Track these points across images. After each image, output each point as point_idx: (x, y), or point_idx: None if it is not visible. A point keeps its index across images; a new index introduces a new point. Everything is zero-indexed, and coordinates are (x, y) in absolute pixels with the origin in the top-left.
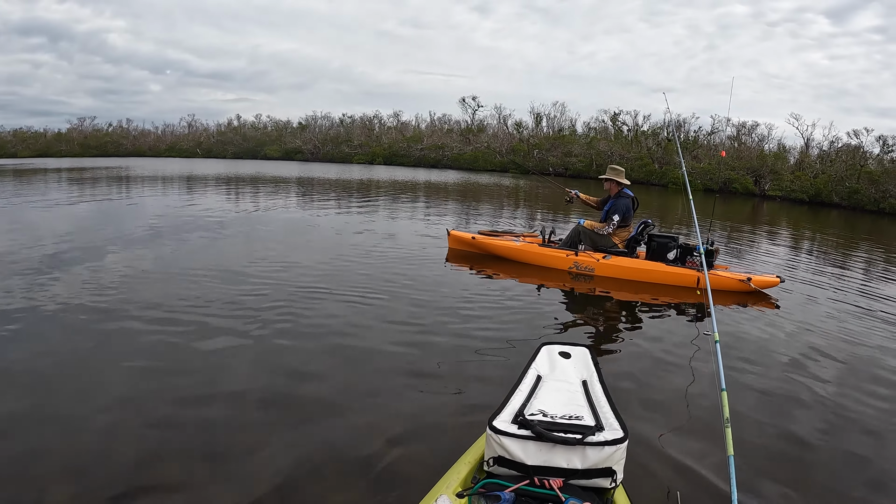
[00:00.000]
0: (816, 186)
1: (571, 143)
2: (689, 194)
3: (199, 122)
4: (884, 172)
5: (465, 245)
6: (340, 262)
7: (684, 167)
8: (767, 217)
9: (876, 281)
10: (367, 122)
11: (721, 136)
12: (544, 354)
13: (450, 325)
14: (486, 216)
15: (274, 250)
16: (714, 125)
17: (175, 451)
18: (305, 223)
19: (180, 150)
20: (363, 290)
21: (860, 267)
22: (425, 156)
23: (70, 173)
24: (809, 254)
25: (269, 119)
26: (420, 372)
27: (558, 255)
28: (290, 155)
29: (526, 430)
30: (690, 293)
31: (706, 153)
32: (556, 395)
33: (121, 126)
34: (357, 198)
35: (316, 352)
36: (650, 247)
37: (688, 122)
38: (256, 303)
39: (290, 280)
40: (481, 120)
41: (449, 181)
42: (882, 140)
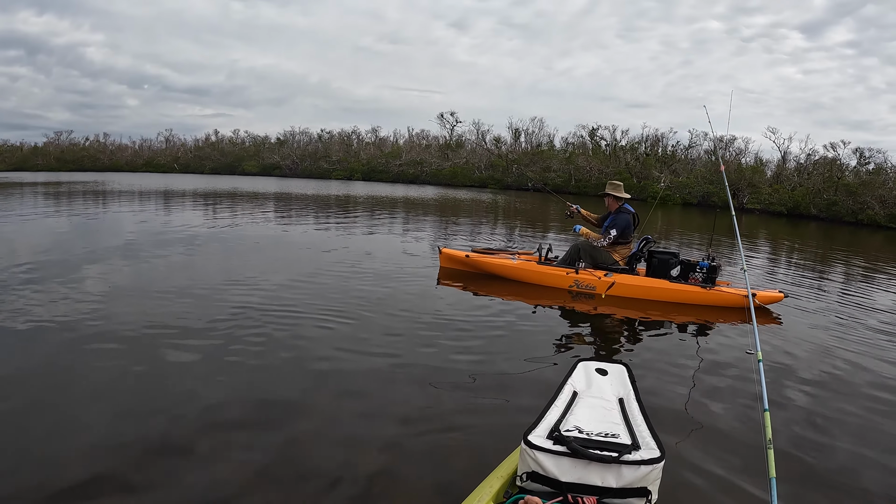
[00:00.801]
0: (795, 199)
1: (550, 159)
2: (732, 212)
3: (176, 137)
4: (861, 184)
5: (458, 264)
6: (324, 282)
7: (728, 187)
8: (746, 231)
9: (878, 293)
10: (345, 137)
11: (699, 150)
12: (580, 371)
13: (451, 346)
14: (469, 232)
15: (253, 267)
16: (692, 139)
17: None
18: (285, 240)
19: (157, 165)
20: (353, 310)
21: (852, 278)
22: (404, 171)
23: (46, 187)
24: (796, 267)
25: (247, 134)
26: (435, 391)
27: (558, 273)
28: (269, 170)
29: (561, 446)
30: (714, 311)
31: (684, 167)
32: (591, 412)
33: (98, 140)
34: (337, 214)
35: (318, 374)
36: (650, 263)
37: (666, 136)
38: (235, 321)
39: (277, 299)
40: (460, 135)
41: (428, 197)
42: (859, 152)
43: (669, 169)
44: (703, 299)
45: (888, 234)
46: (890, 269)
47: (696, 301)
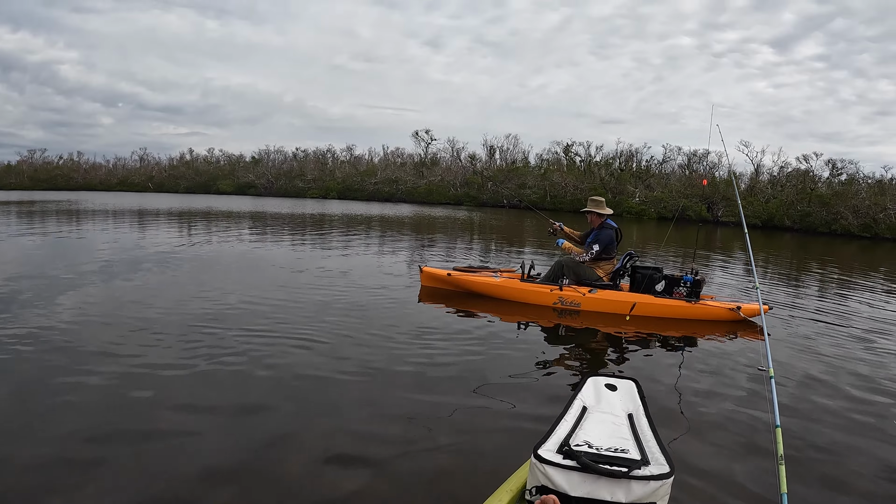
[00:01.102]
0: (769, 211)
1: (525, 175)
2: (745, 229)
3: (150, 156)
4: (834, 195)
5: (440, 282)
6: (303, 303)
7: (741, 205)
8: (721, 243)
9: (855, 302)
10: (320, 156)
11: (673, 164)
12: (590, 386)
13: (435, 366)
14: (447, 250)
15: (228, 288)
16: (666, 154)
17: None
18: (261, 260)
19: (132, 185)
20: (334, 331)
21: (830, 288)
22: (379, 189)
23: (19, 206)
24: (774, 278)
25: (222, 153)
26: (422, 410)
27: (542, 290)
28: (244, 189)
29: (571, 461)
30: (719, 325)
31: (659, 182)
32: (601, 427)
33: (72, 159)
34: (313, 233)
35: (298, 399)
36: (634, 279)
37: (640, 151)
38: (210, 344)
39: (253, 320)
40: (435, 153)
41: (404, 215)
42: (831, 163)
43: (644, 184)
44: (689, 313)
45: (862, 244)
46: (865, 277)
47: (681, 315)
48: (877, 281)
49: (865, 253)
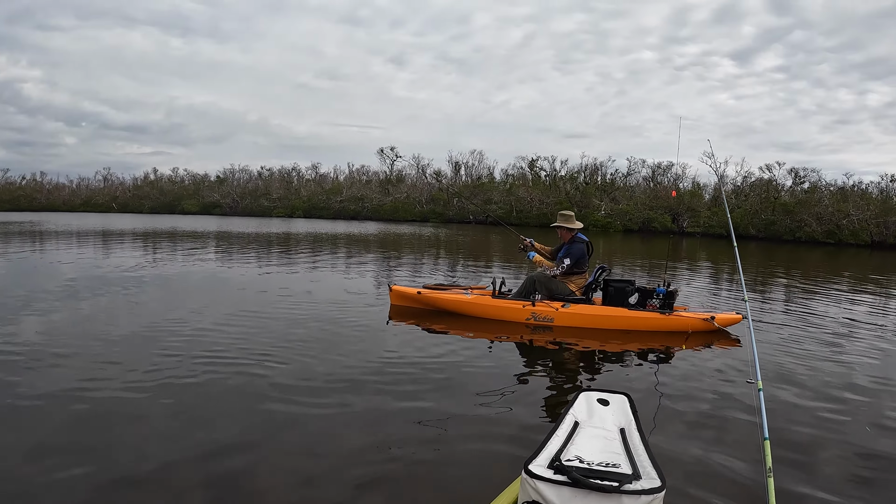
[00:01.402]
0: (734, 220)
1: (491, 191)
2: (734, 242)
3: (114, 176)
4: (798, 203)
5: (410, 301)
6: (269, 324)
7: (730, 218)
8: (687, 254)
9: (823, 307)
10: (285, 174)
11: (637, 177)
12: (582, 401)
13: (407, 387)
14: (414, 268)
15: (192, 311)
16: (630, 167)
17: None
18: (226, 281)
19: (96, 205)
20: (301, 353)
21: (798, 294)
22: (345, 208)
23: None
24: (741, 286)
25: (187, 172)
26: (396, 431)
27: (514, 306)
28: (209, 209)
29: (562, 476)
30: (703, 337)
31: (624, 194)
32: (593, 442)
33: (34, 179)
34: (279, 253)
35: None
36: (607, 292)
37: (604, 164)
38: (172, 368)
39: (218, 343)
40: (400, 170)
41: (370, 233)
42: (794, 172)
43: (609, 197)
44: (664, 325)
45: (826, 250)
46: (831, 283)
47: (656, 328)
48: (843, 286)
49: (830, 259)
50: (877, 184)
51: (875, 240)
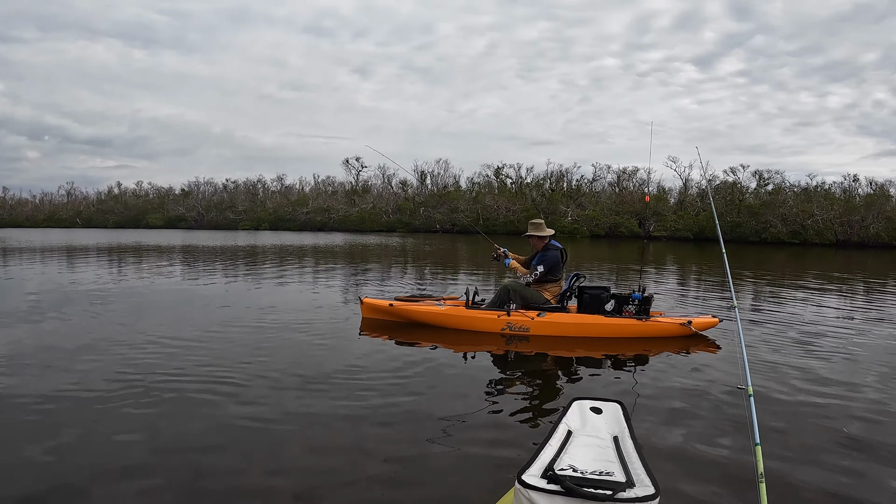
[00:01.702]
0: (700, 223)
1: (457, 199)
2: (722, 248)
3: (78, 191)
4: (763, 205)
5: (382, 313)
6: (236, 341)
7: (718, 224)
8: (654, 257)
9: (793, 307)
10: (250, 186)
11: (603, 182)
12: (575, 409)
13: (381, 401)
14: (382, 279)
15: (157, 328)
16: (596, 173)
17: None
18: (192, 296)
19: (59, 220)
20: (275, 371)
21: (766, 295)
22: (311, 219)
23: None
24: (712, 289)
25: (151, 186)
26: (372, 449)
27: (489, 316)
28: (174, 223)
29: (555, 485)
30: (682, 341)
31: (590, 200)
32: (586, 451)
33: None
34: (246, 267)
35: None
36: (582, 300)
37: (570, 171)
38: (135, 386)
39: (183, 360)
40: (366, 180)
41: (337, 244)
42: (758, 174)
43: (575, 203)
44: (641, 331)
45: (793, 251)
46: (800, 282)
47: (633, 334)
48: (811, 284)
49: (797, 258)
50: (840, 184)
51: (839, 239)
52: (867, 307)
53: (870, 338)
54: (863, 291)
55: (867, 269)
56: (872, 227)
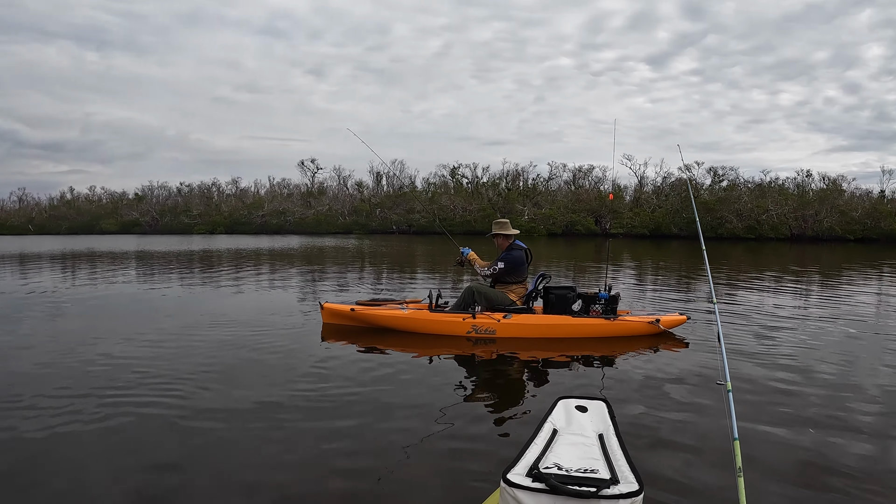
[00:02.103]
0: (656, 220)
1: (413, 200)
2: (702, 245)
3: (30, 197)
4: (718, 201)
5: (343, 319)
6: (192, 351)
7: (698, 220)
8: (612, 255)
9: (754, 299)
10: (205, 190)
11: (559, 181)
12: (560, 408)
13: (341, 410)
14: (342, 283)
15: (110, 337)
16: (552, 171)
17: None
18: (148, 303)
19: (10, 227)
20: (234, 382)
21: (728, 290)
22: (267, 222)
23: None
24: (672, 287)
25: (104, 191)
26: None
27: (454, 319)
28: (128, 228)
29: (540, 484)
30: (650, 339)
31: (546, 199)
32: (571, 449)
33: None
34: (202, 272)
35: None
36: (548, 300)
37: (526, 170)
38: (89, 400)
39: (143, 371)
40: (321, 182)
41: (293, 247)
42: (713, 171)
43: (532, 201)
44: (609, 330)
45: (748, 245)
46: (757, 277)
47: (602, 333)
48: (770, 279)
49: (752, 253)
50: (793, 179)
51: (794, 233)
52: (828, 299)
53: (833, 330)
54: (821, 284)
55: (822, 262)
56: (826, 221)
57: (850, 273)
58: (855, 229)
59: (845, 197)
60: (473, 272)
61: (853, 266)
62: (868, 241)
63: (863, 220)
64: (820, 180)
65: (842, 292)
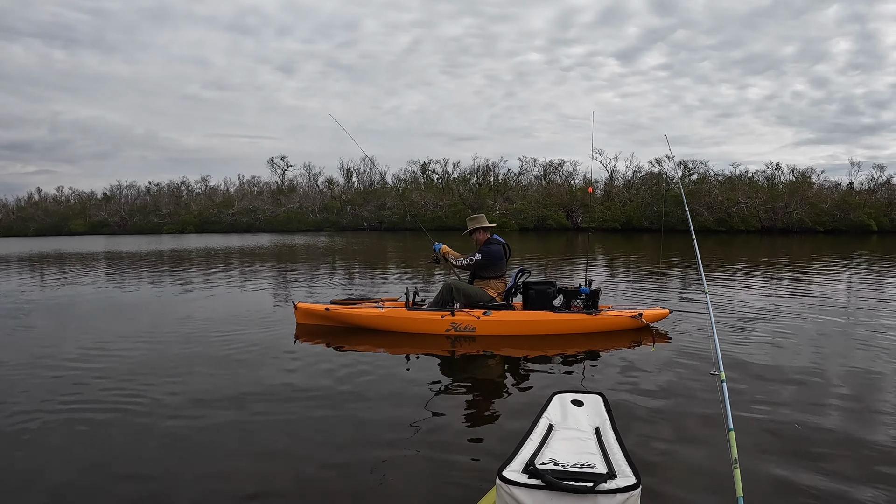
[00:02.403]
0: (627, 214)
1: (384, 196)
2: (693, 237)
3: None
4: (688, 194)
5: (318, 318)
6: (163, 354)
7: (689, 213)
8: (582, 249)
9: (733, 291)
10: (174, 189)
11: (529, 176)
12: (556, 403)
13: (319, 412)
14: (314, 281)
15: (82, 338)
16: (522, 166)
17: None
18: (116, 305)
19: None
20: (207, 387)
21: (698, 282)
22: (237, 220)
23: None
24: (646, 280)
25: (72, 191)
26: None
27: (432, 317)
28: (97, 228)
29: (536, 480)
30: (633, 334)
31: (517, 194)
32: (567, 444)
33: None
34: (172, 273)
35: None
36: (527, 296)
37: (497, 165)
38: (68, 403)
39: (113, 376)
40: (291, 180)
41: (264, 245)
42: (683, 164)
43: (503, 196)
44: (592, 326)
45: (719, 238)
46: (732, 268)
47: (584, 329)
48: (744, 270)
49: (723, 245)
50: (762, 172)
51: (764, 225)
52: (804, 288)
53: (813, 317)
54: (794, 274)
55: (793, 253)
56: (796, 213)
57: (821, 264)
58: (825, 221)
59: (814, 189)
60: (448, 269)
61: (824, 257)
62: (837, 232)
63: (832, 211)
64: (789, 173)
65: (816, 281)
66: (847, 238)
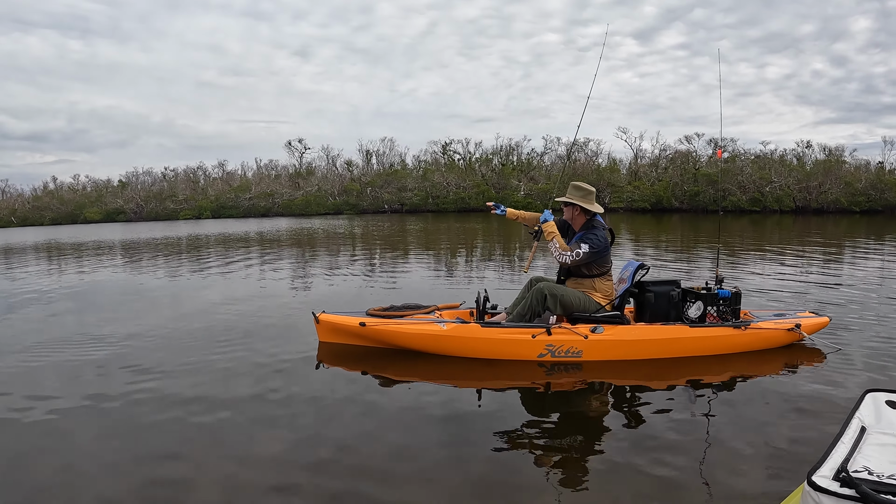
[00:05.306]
0: (657, 194)
1: (405, 178)
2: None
3: (13, 188)
4: (721, 172)
5: (349, 337)
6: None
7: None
8: (616, 230)
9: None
10: (191, 174)
11: (552, 156)
12: (869, 402)
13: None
14: (337, 275)
15: (104, 326)
16: (546, 146)
17: None
18: (138, 294)
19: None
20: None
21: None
22: (255, 205)
23: None
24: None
25: (88, 179)
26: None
27: (520, 337)
28: (113, 216)
29: (849, 490)
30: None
31: (541, 174)
32: (883, 451)
33: None
34: (189, 260)
35: None
36: (644, 301)
37: (520, 145)
38: (95, 391)
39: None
40: (309, 162)
41: (282, 230)
42: (713, 143)
43: (528, 177)
44: (739, 344)
45: (753, 218)
46: (806, 250)
47: (731, 349)
48: (828, 250)
49: (758, 226)
50: (793, 150)
51: (798, 205)
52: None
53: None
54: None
55: (862, 234)
56: (831, 193)
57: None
58: (860, 201)
59: (848, 168)
60: (532, 254)
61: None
62: (873, 212)
63: (867, 191)
64: (820, 151)
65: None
66: (883, 218)
